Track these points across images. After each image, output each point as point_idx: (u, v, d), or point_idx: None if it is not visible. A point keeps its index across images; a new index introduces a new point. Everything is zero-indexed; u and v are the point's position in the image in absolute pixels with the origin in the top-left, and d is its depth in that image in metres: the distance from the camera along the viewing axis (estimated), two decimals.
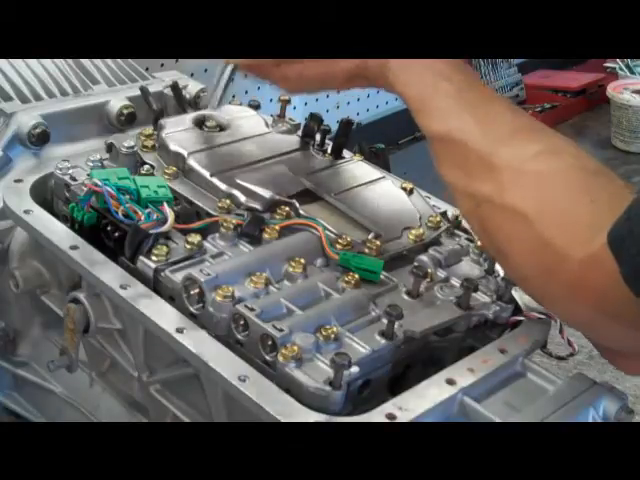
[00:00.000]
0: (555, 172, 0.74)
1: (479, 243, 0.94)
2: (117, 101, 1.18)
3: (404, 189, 1.04)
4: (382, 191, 1.03)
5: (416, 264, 0.90)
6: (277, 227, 0.92)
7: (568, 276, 0.71)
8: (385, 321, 0.81)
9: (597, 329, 0.76)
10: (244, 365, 0.78)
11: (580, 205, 0.72)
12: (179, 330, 0.81)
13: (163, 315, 0.83)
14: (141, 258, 0.87)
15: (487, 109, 0.78)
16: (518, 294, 0.91)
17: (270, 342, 0.78)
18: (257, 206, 0.95)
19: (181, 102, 1.19)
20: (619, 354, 0.80)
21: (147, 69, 1.30)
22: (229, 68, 1.10)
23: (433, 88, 0.79)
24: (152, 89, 1.19)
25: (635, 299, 0.65)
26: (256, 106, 1.18)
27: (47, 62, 1.19)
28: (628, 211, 0.65)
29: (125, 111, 1.18)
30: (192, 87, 1.23)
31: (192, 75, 1.57)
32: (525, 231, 0.73)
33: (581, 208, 0.71)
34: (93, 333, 0.95)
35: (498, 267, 0.92)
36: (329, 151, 1.10)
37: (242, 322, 0.80)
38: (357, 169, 1.07)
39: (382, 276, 0.89)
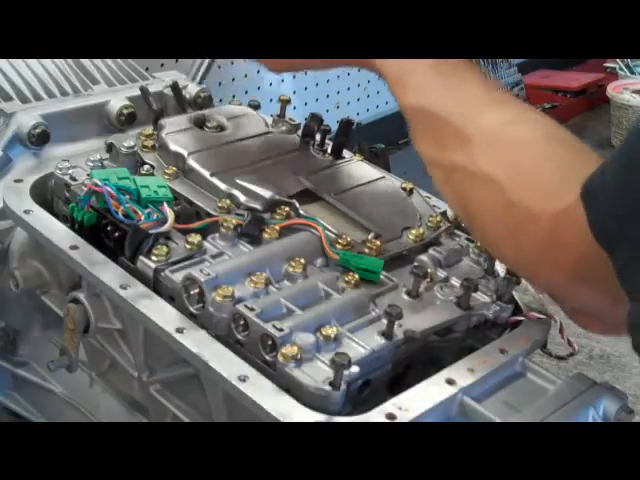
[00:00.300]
0: (525, 140, 0.76)
1: (479, 243, 0.94)
2: (117, 101, 1.18)
3: (404, 189, 1.04)
4: (382, 191, 1.03)
5: (416, 264, 0.90)
6: (277, 227, 0.92)
7: (538, 233, 0.73)
8: (385, 321, 0.81)
9: (564, 290, 0.78)
10: (244, 365, 0.78)
11: (548, 168, 0.74)
12: (179, 330, 0.81)
13: (163, 315, 0.83)
14: (141, 258, 0.87)
15: (460, 80, 0.80)
16: (518, 294, 0.91)
17: (270, 342, 0.78)
18: (257, 206, 0.95)
19: (181, 102, 1.19)
20: (581, 312, 0.81)
21: (147, 69, 1.30)
22: None
23: (411, 64, 0.81)
24: (152, 89, 1.19)
25: (602, 257, 0.66)
26: (256, 106, 1.18)
27: (47, 62, 1.19)
28: (603, 167, 0.67)
29: (125, 111, 1.18)
30: (192, 87, 1.23)
31: None
32: (495, 195, 0.75)
33: (549, 171, 0.74)
34: (93, 333, 0.95)
35: (498, 267, 0.93)
36: (329, 151, 1.10)
37: (242, 322, 0.80)
38: (357, 169, 1.07)
39: (382, 276, 0.89)
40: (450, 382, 0.79)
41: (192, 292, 0.83)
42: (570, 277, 0.73)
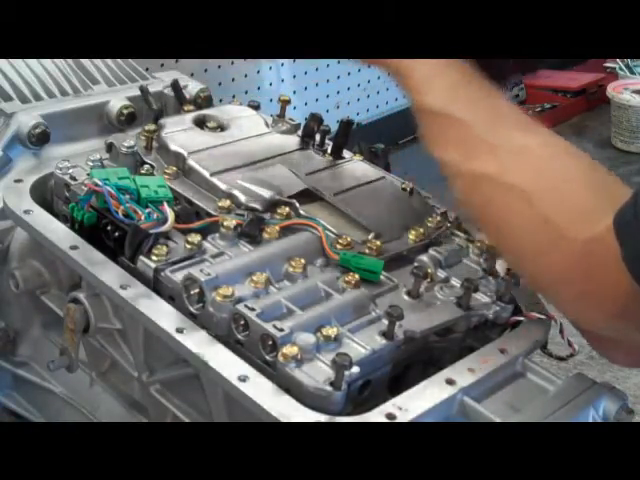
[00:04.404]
0: (555, 158, 0.75)
1: (479, 243, 0.94)
2: (117, 101, 1.18)
3: (404, 189, 1.04)
4: (382, 191, 1.03)
5: (416, 264, 0.90)
6: (277, 227, 0.92)
7: (569, 255, 0.71)
8: (385, 321, 0.81)
9: (586, 313, 0.76)
10: (244, 365, 0.78)
11: (579, 189, 0.73)
12: (179, 330, 0.81)
13: (163, 315, 0.83)
14: (141, 258, 0.87)
15: (491, 99, 0.79)
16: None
17: (270, 342, 0.78)
18: (257, 206, 0.95)
19: (180, 99, 1.19)
20: (608, 342, 0.80)
21: (147, 69, 1.30)
22: None
23: (440, 71, 0.79)
24: (152, 89, 1.19)
25: (630, 287, 0.65)
26: (256, 106, 1.18)
27: (47, 62, 1.19)
28: (635, 196, 0.66)
29: (125, 111, 1.18)
30: (192, 87, 1.23)
31: (192, 75, 1.57)
32: (525, 209, 0.73)
33: (580, 192, 0.73)
34: (93, 333, 0.95)
35: (498, 267, 0.93)
36: (329, 151, 1.10)
37: (242, 322, 0.80)
38: (357, 169, 1.07)
39: (382, 276, 0.89)
40: (450, 382, 0.79)
41: (192, 292, 0.83)
42: (602, 308, 0.72)
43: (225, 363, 0.78)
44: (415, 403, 0.76)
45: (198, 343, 0.80)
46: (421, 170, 0.83)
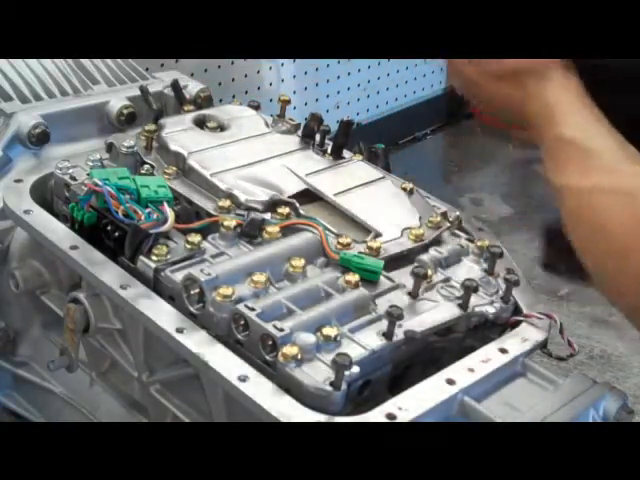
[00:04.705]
0: None
1: (479, 243, 0.94)
2: (117, 101, 1.18)
3: (404, 189, 1.04)
4: (382, 191, 1.03)
5: (416, 264, 0.90)
6: (277, 227, 0.92)
7: None
8: (385, 321, 0.81)
9: None
10: (244, 365, 0.78)
11: None
12: (179, 330, 0.81)
13: (163, 315, 0.83)
14: (141, 258, 0.87)
15: (605, 126, 0.83)
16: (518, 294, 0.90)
17: (270, 342, 0.78)
18: (257, 206, 0.95)
19: (180, 98, 1.19)
20: None
21: (147, 69, 1.30)
22: None
23: (562, 95, 0.83)
24: (152, 89, 1.20)
25: None
26: (256, 106, 1.18)
27: (47, 62, 1.19)
28: None
29: (125, 111, 1.18)
30: (192, 87, 1.23)
31: (192, 75, 1.57)
32: (628, 208, 0.78)
33: None
34: (93, 333, 0.95)
35: (498, 268, 0.93)
36: (329, 151, 1.10)
37: (242, 322, 0.80)
38: (357, 169, 1.07)
39: (382, 276, 0.89)
40: (450, 382, 0.79)
41: (192, 292, 0.83)
42: None
43: (225, 363, 0.78)
44: (415, 403, 0.76)
45: (198, 343, 0.80)
46: (421, 170, 0.84)
